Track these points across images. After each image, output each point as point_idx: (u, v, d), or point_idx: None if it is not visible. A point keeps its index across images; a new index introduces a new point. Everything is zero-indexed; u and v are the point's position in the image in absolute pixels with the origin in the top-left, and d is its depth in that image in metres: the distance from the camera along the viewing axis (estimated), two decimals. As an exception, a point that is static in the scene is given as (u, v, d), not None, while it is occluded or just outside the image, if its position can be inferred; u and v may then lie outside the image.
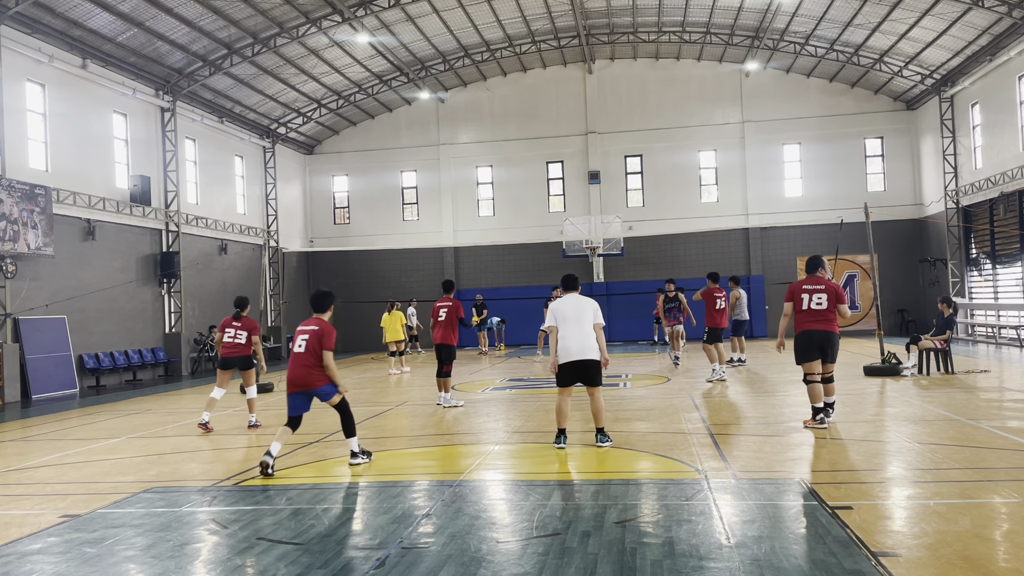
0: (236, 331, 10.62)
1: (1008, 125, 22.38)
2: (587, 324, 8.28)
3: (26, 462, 9.00)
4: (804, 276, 9.33)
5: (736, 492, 6.20)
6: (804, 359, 9.04)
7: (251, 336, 10.65)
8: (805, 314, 8.99)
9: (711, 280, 14.95)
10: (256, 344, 10.70)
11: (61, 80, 19.16)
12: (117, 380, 20.71)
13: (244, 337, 10.60)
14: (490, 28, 26.56)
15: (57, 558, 5.14)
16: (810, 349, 8.97)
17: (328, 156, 32.40)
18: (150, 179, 22.10)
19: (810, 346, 8.97)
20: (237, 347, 10.58)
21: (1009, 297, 22.92)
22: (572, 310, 8.34)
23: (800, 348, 9.06)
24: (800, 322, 9.05)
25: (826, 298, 8.96)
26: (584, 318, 8.28)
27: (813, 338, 8.94)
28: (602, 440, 8.34)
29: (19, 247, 16.97)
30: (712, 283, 14.86)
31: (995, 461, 7.06)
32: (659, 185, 30.05)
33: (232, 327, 10.66)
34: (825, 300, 8.95)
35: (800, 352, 9.07)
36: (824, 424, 8.93)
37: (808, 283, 9.13)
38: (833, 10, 23.76)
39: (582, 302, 8.45)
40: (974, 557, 4.50)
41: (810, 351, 8.98)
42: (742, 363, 17.13)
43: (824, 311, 8.94)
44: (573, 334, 8.21)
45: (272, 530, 5.63)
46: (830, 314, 8.97)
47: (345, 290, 30.95)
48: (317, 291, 8.17)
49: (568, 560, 4.70)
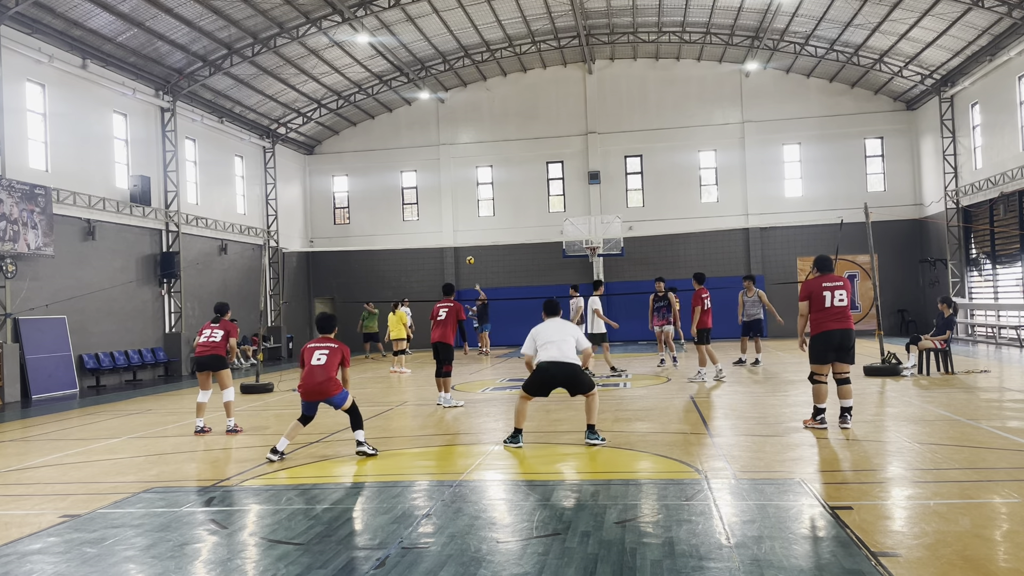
0: (212, 331, 10.58)
1: (1008, 125, 22.38)
2: (569, 348, 8.32)
3: (26, 462, 9.00)
4: (817, 275, 9.03)
5: (736, 492, 6.21)
6: (821, 360, 8.87)
7: (227, 336, 10.58)
8: (827, 312, 8.75)
9: (697, 281, 14.91)
10: (231, 345, 10.63)
11: (61, 80, 19.17)
12: (117, 380, 20.71)
13: (220, 336, 10.52)
14: (490, 28, 26.57)
15: (57, 558, 5.14)
16: (830, 350, 8.80)
17: (328, 156, 32.40)
18: (150, 179, 22.10)
19: (830, 347, 8.79)
20: (211, 346, 10.47)
21: (1009, 297, 22.91)
22: (555, 333, 8.40)
23: (820, 348, 8.83)
24: (821, 321, 8.80)
25: (846, 295, 8.81)
26: (566, 344, 8.32)
27: (834, 338, 8.75)
28: (591, 437, 8.36)
29: (19, 247, 16.97)
30: (698, 284, 14.84)
31: (995, 461, 7.06)
32: (659, 185, 30.05)
33: (209, 328, 10.65)
34: (846, 297, 8.80)
35: (819, 353, 8.85)
36: (825, 424, 8.87)
37: (827, 280, 8.89)
38: (833, 10, 23.76)
39: (565, 327, 8.50)
40: (974, 557, 4.50)
41: (829, 352, 8.81)
42: (757, 363, 17.02)
43: (845, 308, 8.78)
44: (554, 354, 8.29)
45: (272, 530, 5.63)
46: (849, 311, 8.88)
47: (345, 290, 31.00)
48: (323, 314, 8.77)
49: (568, 560, 4.70)
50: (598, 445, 8.29)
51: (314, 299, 32.07)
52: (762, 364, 16.72)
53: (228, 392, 10.50)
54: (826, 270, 9.08)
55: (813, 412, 9.03)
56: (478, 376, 17.64)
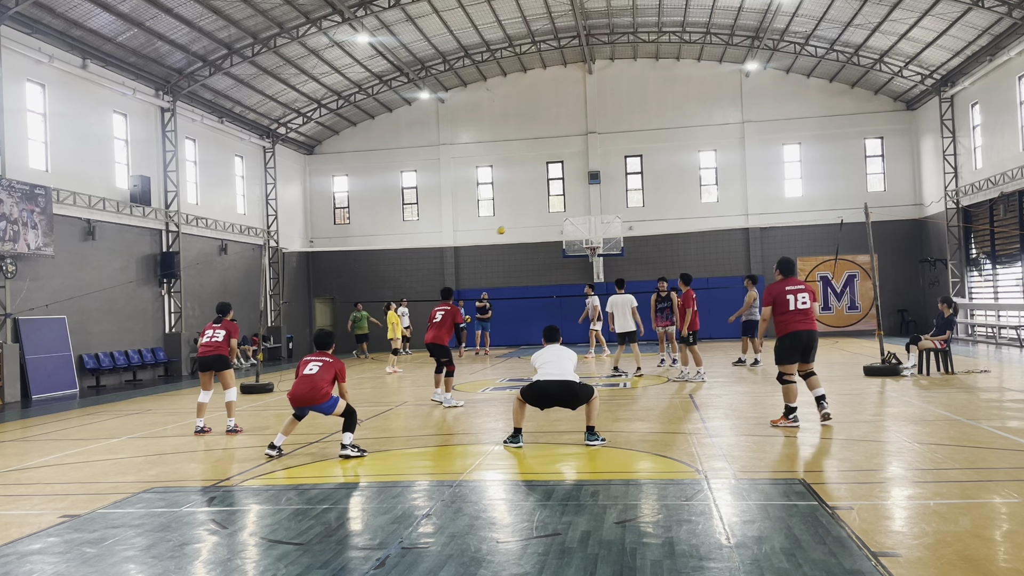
0: (215, 331, 10.71)
1: (1008, 125, 22.38)
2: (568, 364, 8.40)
3: (26, 462, 9.00)
4: (780, 279, 9.31)
5: (736, 492, 6.21)
6: (787, 360, 9.11)
7: (229, 336, 10.69)
8: (792, 314, 9.03)
9: (684, 282, 14.88)
10: (233, 346, 10.74)
11: (61, 80, 19.16)
12: (117, 380, 20.71)
13: (222, 336, 10.65)
14: (490, 28, 26.57)
15: (57, 558, 5.14)
16: (796, 351, 9.06)
17: (328, 156, 32.40)
18: (150, 179, 22.10)
19: (797, 347, 9.04)
20: (214, 346, 10.59)
21: (1009, 297, 22.91)
22: (554, 357, 8.48)
23: (787, 349, 9.09)
24: (787, 323, 9.06)
25: (809, 297, 9.12)
26: (565, 369, 8.37)
27: (801, 339, 9.01)
28: (591, 439, 8.38)
29: (19, 247, 16.97)
30: (685, 285, 14.83)
31: (995, 461, 7.06)
32: (659, 185, 30.05)
33: (211, 328, 10.77)
34: (808, 300, 9.10)
35: (785, 353, 9.10)
36: (797, 423, 9.03)
37: (790, 284, 9.18)
38: (833, 10, 23.76)
39: (563, 353, 8.56)
40: (974, 557, 4.50)
41: (795, 352, 9.07)
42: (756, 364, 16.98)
43: (808, 310, 9.08)
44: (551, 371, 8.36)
45: (272, 530, 5.63)
46: (812, 313, 9.13)
47: (345, 290, 30.99)
48: (320, 331, 8.96)
49: (568, 560, 4.70)
50: (597, 446, 8.30)
51: (314, 299, 32.06)
52: (761, 364, 16.67)
53: (230, 392, 10.56)
54: (789, 274, 9.34)
55: (785, 411, 9.15)
56: (478, 376, 17.64)
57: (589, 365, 18.92)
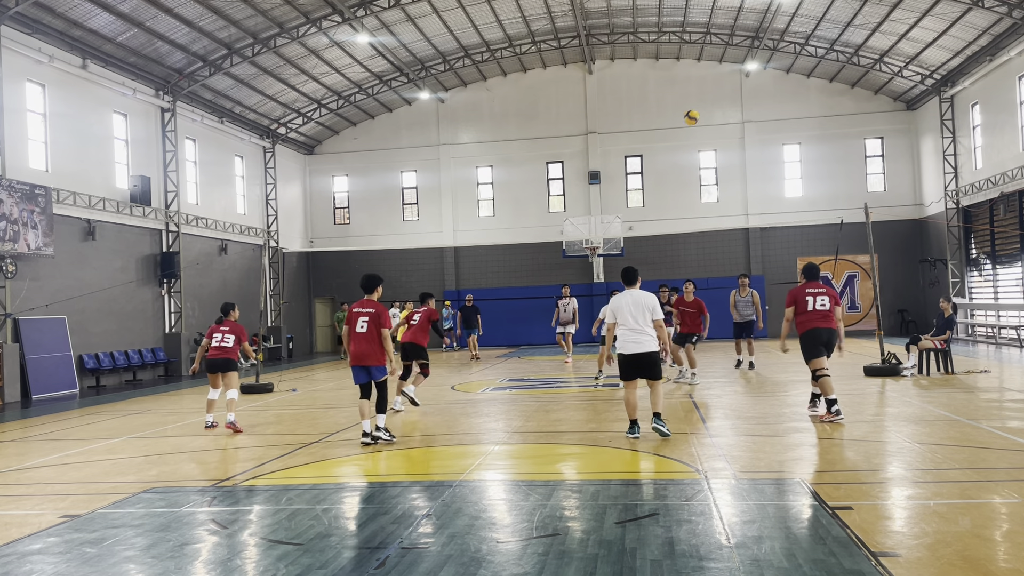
0: (224, 335, 10.92)
1: (1008, 125, 22.38)
2: (648, 331, 8.65)
3: (26, 462, 9.00)
4: (803, 282, 9.98)
5: (736, 492, 6.21)
6: (813, 355, 9.56)
7: (239, 340, 10.96)
8: (810, 314, 9.62)
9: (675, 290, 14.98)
10: (245, 348, 11.05)
11: (61, 80, 19.16)
12: (117, 380, 20.70)
13: (232, 340, 10.90)
14: (490, 28, 26.57)
15: (57, 558, 5.14)
16: (817, 345, 9.54)
17: (328, 156, 32.40)
18: (150, 179, 22.10)
19: (817, 343, 9.55)
20: (223, 350, 10.85)
21: (1009, 297, 22.91)
22: (631, 319, 8.71)
23: (808, 346, 9.61)
24: (805, 322, 9.64)
25: (828, 299, 9.67)
26: (643, 341, 8.64)
27: (820, 335, 9.54)
28: (658, 423, 8.60)
29: (19, 247, 16.96)
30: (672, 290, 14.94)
31: (995, 461, 7.07)
32: (659, 185, 30.04)
33: (220, 331, 10.95)
34: (827, 301, 9.65)
35: (809, 349, 9.60)
36: (841, 416, 9.27)
37: (811, 287, 9.81)
38: (833, 10, 23.76)
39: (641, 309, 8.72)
40: (974, 557, 4.50)
41: (817, 347, 9.54)
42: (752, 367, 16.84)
43: (827, 311, 9.63)
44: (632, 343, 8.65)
45: (272, 530, 5.63)
46: (831, 313, 9.65)
47: (345, 290, 30.97)
48: (366, 275, 9.32)
49: (568, 560, 4.70)
50: (665, 431, 8.57)
51: (314, 299, 32.07)
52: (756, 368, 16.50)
53: (233, 392, 10.83)
54: (811, 278, 10.01)
55: (827, 405, 9.40)
56: (478, 376, 17.64)
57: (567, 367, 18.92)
